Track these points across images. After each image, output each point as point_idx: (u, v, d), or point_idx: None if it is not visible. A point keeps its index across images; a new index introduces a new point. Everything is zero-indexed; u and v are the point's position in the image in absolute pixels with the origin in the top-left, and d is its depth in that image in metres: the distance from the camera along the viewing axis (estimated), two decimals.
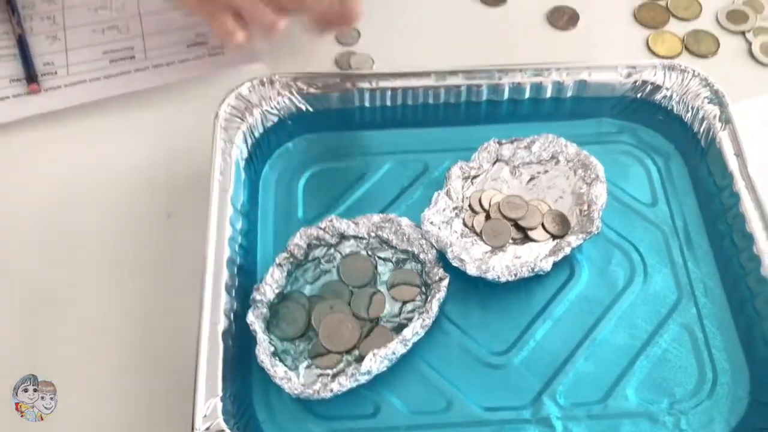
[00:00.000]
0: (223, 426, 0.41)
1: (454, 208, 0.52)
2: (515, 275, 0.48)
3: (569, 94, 0.57)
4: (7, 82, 0.61)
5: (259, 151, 0.55)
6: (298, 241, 0.49)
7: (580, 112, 0.57)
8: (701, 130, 0.54)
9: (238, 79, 0.55)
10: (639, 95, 0.57)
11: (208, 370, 0.43)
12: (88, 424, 0.46)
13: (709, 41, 0.64)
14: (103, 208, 0.55)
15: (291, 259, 0.49)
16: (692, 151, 0.55)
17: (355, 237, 0.51)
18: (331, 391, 0.43)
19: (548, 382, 0.46)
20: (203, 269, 0.46)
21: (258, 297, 0.47)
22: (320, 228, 0.50)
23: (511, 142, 0.54)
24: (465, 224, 0.52)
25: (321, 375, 0.46)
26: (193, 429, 0.41)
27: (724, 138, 0.53)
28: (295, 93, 0.55)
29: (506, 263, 0.50)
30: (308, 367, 0.46)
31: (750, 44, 0.64)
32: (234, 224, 0.49)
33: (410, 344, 0.46)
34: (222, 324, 0.45)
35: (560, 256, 0.49)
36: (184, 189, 0.55)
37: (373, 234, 0.51)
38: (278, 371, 0.44)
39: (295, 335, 0.47)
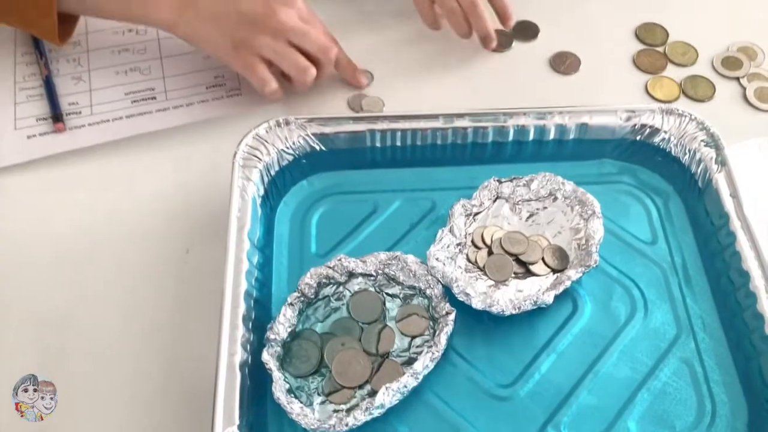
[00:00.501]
0: None
1: (458, 245, 0.54)
2: (519, 308, 0.50)
3: (571, 136, 0.59)
4: (33, 121, 0.64)
5: (275, 188, 0.57)
6: (309, 280, 0.51)
7: (582, 153, 0.60)
8: (698, 171, 0.57)
9: (256, 120, 0.57)
10: (638, 138, 0.59)
11: (226, 399, 0.45)
12: None
13: (706, 86, 0.67)
14: (124, 242, 0.57)
15: (302, 298, 0.51)
16: (690, 191, 0.57)
17: (363, 275, 0.52)
18: (347, 425, 0.45)
19: (553, 413, 0.48)
20: (221, 301, 0.48)
21: (272, 336, 0.48)
22: (329, 267, 0.52)
23: (511, 181, 0.57)
24: (468, 260, 0.54)
25: (336, 410, 0.47)
26: None
27: (720, 179, 0.55)
28: (309, 134, 0.58)
29: (510, 297, 0.51)
30: (323, 402, 0.48)
31: (744, 89, 0.66)
32: (251, 258, 0.51)
33: (421, 377, 0.47)
34: (239, 355, 0.46)
35: (561, 289, 0.51)
36: (202, 225, 0.57)
37: (380, 271, 0.52)
38: (294, 408, 0.45)
39: (308, 372, 0.49)
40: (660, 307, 0.52)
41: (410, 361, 0.49)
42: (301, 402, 0.47)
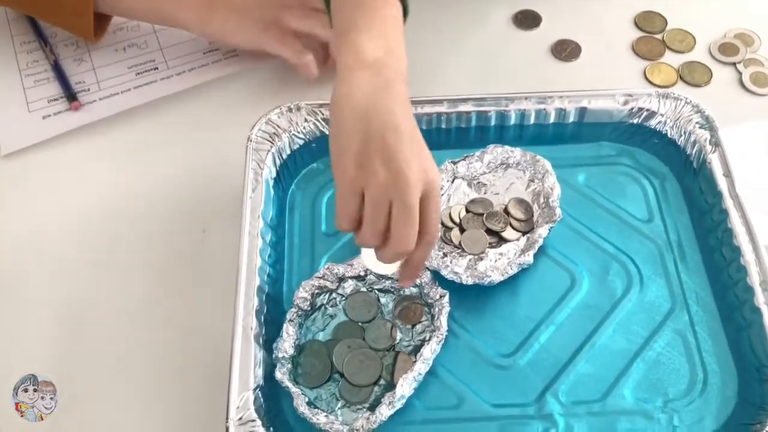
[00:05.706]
0: (255, 416, 0.46)
1: None
2: (506, 274, 0.52)
3: (571, 119, 0.61)
4: (46, 102, 0.67)
5: (287, 171, 0.60)
6: (303, 293, 0.52)
7: (582, 136, 0.62)
8: (693, 152, 0.59)
9: (269, 105, 0.60)
10: (636, 121, 0.61)
11: (241, 366, 0.47)
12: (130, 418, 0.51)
13: (703, 72, 0.68)
14: (142, 222, 0.59)
15: (299, 312, 0.52)
16: (685, 171, 0.59)
17: (353, 277, 0.54)
18: (375, 423, 0.46)
19: (551, 381, 0.50)
20: (237, 275, 0.51)
21: (280, 355, 0.50)
22: (319, 277, 0.53)
23: (464, 159, 0.59)
24: (444, 240, 0.56)
25: (358, 410, 0.49)
26: (227, 419, 0.45)
27: (714, 160, 0.57)
28: (319, 118, 0.60)
29: (493, 266, 0.54)
30: (343, 406, 0.49)
31: (741, 74, 0.68)
32: (264, 237, 0.54)
33: (431, 362, 0.49)
34: (254, 324, 0.49)
35: (536, 247, 0.53)
36: (218, 207, 0.59)
37: (369, 271, 0.54)
38: (320, 419, 0.47)
39: (322, 381, 0.50)
40: (655, 281, 0.55)
41: (416, 349, 0.50)
42: (323, 410, 0.48)
